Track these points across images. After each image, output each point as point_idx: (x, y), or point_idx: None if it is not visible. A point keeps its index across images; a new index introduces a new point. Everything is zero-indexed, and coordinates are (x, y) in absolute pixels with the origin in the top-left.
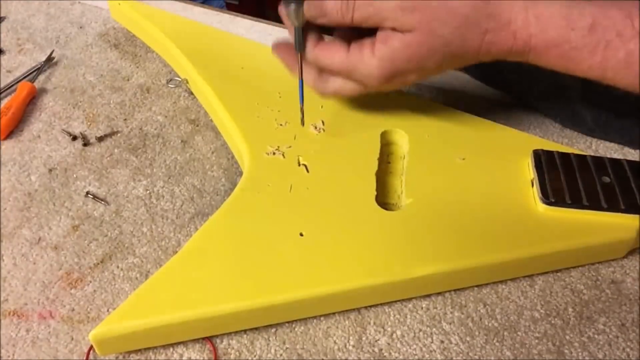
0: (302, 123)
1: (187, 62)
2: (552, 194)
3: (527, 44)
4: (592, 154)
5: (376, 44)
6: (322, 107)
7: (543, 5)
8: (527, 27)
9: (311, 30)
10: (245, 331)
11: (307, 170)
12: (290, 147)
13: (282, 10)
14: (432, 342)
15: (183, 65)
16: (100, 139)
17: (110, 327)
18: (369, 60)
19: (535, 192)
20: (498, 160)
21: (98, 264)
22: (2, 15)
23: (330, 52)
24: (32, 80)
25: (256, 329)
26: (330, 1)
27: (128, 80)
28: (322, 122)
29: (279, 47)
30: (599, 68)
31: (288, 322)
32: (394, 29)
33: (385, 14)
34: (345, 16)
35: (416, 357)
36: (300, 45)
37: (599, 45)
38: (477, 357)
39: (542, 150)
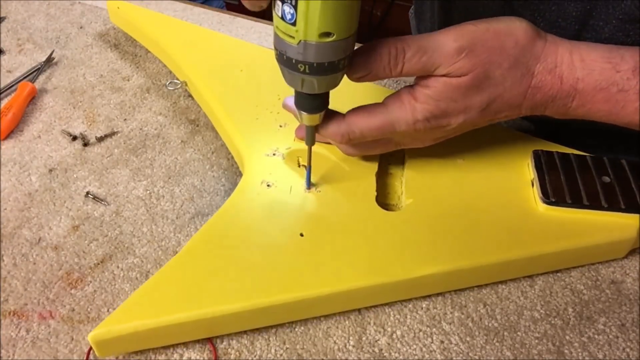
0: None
1: (186, 65)
2: (553, 194)
3: (573, 88)
4: (592, 154)
5: (417, 89)
6: None
7: (585, 49)
8: (573, 71)
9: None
10: (245, 331)
11: None
12: (289, 148)
13: (288, 107)
14: (432, 342)
15: (182, 68)
16: (100, 139)
17: (109, 329)
18: (412, 106)
19: (535, 192)
20: (498, 161)
21: (98, 264)
22: (2, 15)
23: (365, 115)
24: (32, 80)
25: (256, 328)
26: (376, 58)
27: (128, 80)
28: None
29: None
30: None
31: (288, 322)
32: (444, 76)
33: (439, 61)
34: (393, 70)
35: (416, 357)
36: (310, 141)
37: None
38: (477, 357)
39: (542, 150)
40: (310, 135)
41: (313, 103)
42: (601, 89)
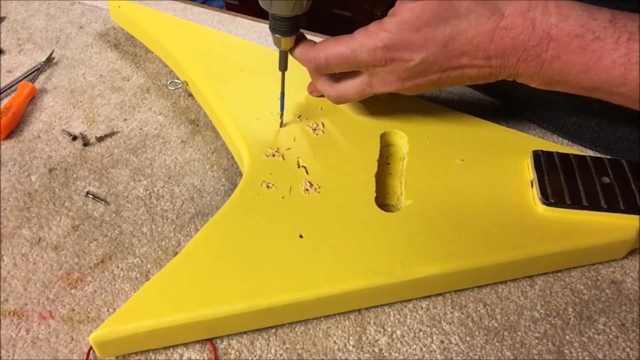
0: (281, 125)
1: (187, 65)
2: (552, 195)
3: (547, 34)
4: (592, 154)
5: (385, 19)
6: (321, 108)
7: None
8: (547, 16)
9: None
10: (245, 331)
11: (307, 172)
12: (289, 148)
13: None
14: (432, 342)
15: (182, 67)
16: (100, 139)
17: (110, 330)
18: (376, 33)
19: (534, 192)
20: (497, 161)
21: (98, 264)
22: (2, 15)
23: (333, 42)
24: (32, 80)
25: (256, 329)
26: None
27: (128, 80)
28: (322, 124)
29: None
30: (623, 64)
31: (288, 322)
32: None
33: None
34: None
35: (416, 357)
36: (282, 66)
37: (622, 36)
38: (477, 357)
39: (542, 150)
40: (283, 60)
41: (283, 26)
42: (576, 35)
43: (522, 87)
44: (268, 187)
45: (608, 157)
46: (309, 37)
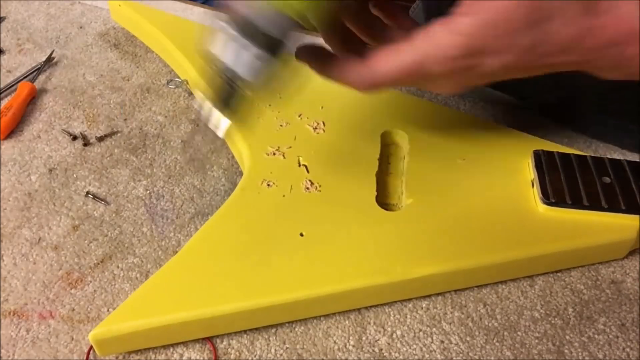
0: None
1: (187, 63)
2: (553, 194)
3: (632, 30)
4: (592, 154)
5: (456, 19)
6: (322, 107)
7: None
8: (633, 10)
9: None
10: (245, 331)
11: (308, 171)
12: (290, 147)
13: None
14: (432, 342)
15: (183, 66)
16: (100, 139)
17: (109, 328)
18: (448, 39)
19: (535, 192)
20: (498, 161)
21: (98, 264)
22: (2, 15)
23: (387, 55)
24: (32, 80)
25: (256, 328)
26: None
27: (128, 80)
28: (323, 123)
29: (302, 51)
30: None
31: (288, 322)
32: None
33: None
34: None
35: (416, 357)
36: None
37: None
38: (477, 357)
39: (542, 150)
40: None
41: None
42: None
43: (536, 83)
44: (269, 185)
45: (608, 157)
46: (307, 38)
